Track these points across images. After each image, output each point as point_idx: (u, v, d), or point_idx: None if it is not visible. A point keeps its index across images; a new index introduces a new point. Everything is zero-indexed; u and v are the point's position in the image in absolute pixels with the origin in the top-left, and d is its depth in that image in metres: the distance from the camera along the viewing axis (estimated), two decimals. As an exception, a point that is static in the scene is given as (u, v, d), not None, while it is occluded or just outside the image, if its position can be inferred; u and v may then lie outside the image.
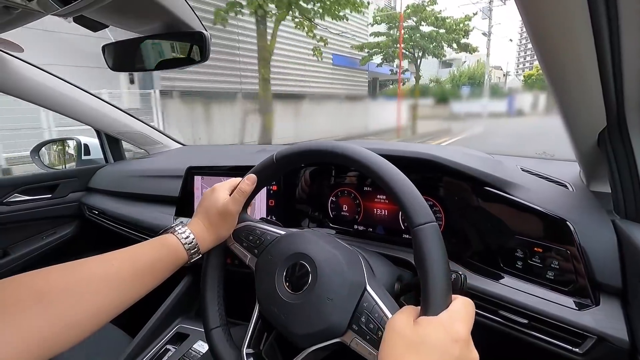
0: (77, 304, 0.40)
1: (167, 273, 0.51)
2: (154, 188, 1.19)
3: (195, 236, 0.54)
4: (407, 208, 0.42)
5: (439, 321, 0.36)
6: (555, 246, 0.59)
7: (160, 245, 0.51)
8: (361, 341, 0.43)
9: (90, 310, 0.41)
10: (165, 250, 0.51)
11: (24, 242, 1.28)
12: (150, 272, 0.48)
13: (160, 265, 0.49)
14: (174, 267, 0.51)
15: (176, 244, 0.52)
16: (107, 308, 0.43)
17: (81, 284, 0.42)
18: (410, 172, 0.46)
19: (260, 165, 0.57)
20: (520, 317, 0.57)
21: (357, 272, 0.48)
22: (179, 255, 0.52)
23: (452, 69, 25.66)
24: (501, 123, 10.30)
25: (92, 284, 0.43)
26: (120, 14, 0.69)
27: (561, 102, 0.52)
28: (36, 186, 1.28)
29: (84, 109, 1.27)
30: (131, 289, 0.46)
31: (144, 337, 0.95)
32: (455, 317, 0.37)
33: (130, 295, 0.46)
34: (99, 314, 0.42)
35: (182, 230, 0.53)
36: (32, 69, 1.09)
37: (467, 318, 0.38)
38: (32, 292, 0.38)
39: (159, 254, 0.50)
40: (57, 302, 0.39)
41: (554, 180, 0.74)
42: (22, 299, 0.37)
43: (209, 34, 0.75)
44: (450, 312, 0.37)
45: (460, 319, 0.37)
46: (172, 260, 0.51)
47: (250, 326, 0.53)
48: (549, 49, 0.42)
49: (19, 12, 0.62)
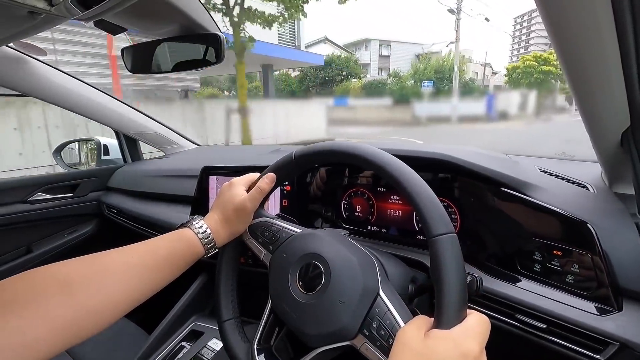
0: (98, 292, 0.42)
1: (184, 266, 0.52)
2: (170, 187, 1.22)
3: (211, 230, 0.54)
4: (425, 216, 0.41)
5: (450, 336, 0.35)
6: (576, 249, 0.57)
7: (177, 239, 0.52)
8: (371, 347, 0.43)
9: (111, 298, 0.43)
10: (181, 243, 0.52)
11: (47, 240, 1.32)
12: (168, 264, 0.49)
13: (177, 258, 0.51)
14: (191, 259, 0.52)
15: (193, 237, 0.53)
16: (127, 297, 0.45)
17: (102, 273, 0.43)
18: (426, 172, 0.46)
19: (279, 163, 0.57)
20: (538, 322, 0.56)
21: (371, 277, 0.48)
22: (196, 248, 0.53)
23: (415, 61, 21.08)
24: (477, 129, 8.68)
25: (113, 274, 0.44)
26: (138, 17, 0.70)
27: (582, 101, 0.50)
28: (58, 185, 1.32)
29: (103, 111, 1.30)
30: (150, 279, 0.47)
31: (160, 334, 0.97)
32: (467, 333, 0.36)
33: (150, 286, 0.47)
34: (119, 302, 0.44)
35: (198, 225, 0.54)
36: (55, 72, 1.12)
37: (481, 335, 0.36)
38: (56, 281, 0.40)
39: (176, 246, 0.51)
40: (80, 290, 0.40)
41: (574, 181, 0.72)
42: (46, 288, 0.39)
43: (223, 36, 0.76)
44: (463, 327, 0.36)
45: (472, 336, 0.36)
46: (188, 253, 0.52)
47: (262, 321, 0.54)
48: (571, 46, 0.40)
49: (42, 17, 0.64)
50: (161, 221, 1.11)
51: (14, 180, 1.26)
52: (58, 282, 0.40)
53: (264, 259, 0.57)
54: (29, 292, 0.38)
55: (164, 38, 0.79)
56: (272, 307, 0.54)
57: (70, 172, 1.43)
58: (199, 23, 0.73)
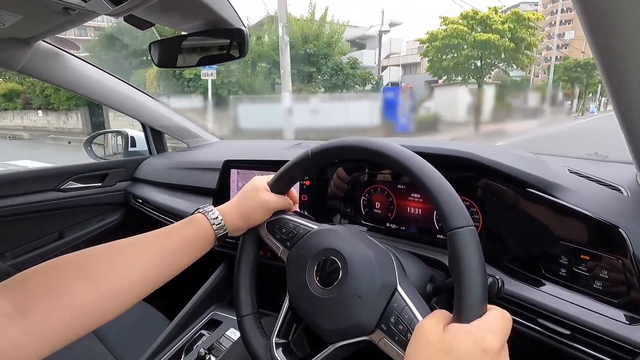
0: (116, 276, 0.44)
1: (196, 250, 0.53)
2: (192, 179, 1.25)
3: (224, 216, 0.56)
4: (443, 210, 0.40)
5: (470, 330, 0.34)
6: (606, 255, 0.54)
7: (188, 223, 0.54)
8: (389, 342, 0.43)
9: (128, 281, 0.45)
10: (192, 227, 0.53)
11: (76, 227, 1.38)
12: (181, 248, 0.51)
13: (189, 242, 0.52)
14: (203, 243, 0.54)
15: (204, 221, 0.54)
16: (144, 280, 0.47)
17: (119, 257, 0.46)
18: (448, 170, 0.45)
19: (295, 160, 0.57)
20: (562, 328, 0.54)
21: (389, 272, 0.48)
22: (206, 232, 0.54)
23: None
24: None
25: (129, 258, 0.46)
26: (166, 12, 0.72)
27: (619, 100, 0.48)
28: (88, 175, 1.38)
29: (132, 103, 1.35)
30: (164, 263, 0.49)
31: (181, 321, 1.01)
32: (487, 327, 0.35)
33: (165, 270, 0.49)
34: (136, 285, 0.46)
35: (210, 209, 0.56)
36: (88, 65, 1.17)
37: (501, 330, 0.35)
38: (76, 267, 0.42)
39: (187, 230, 0.53)
40: (98, 273, 0.43)
41: (606, 183, 0.69)
42: (70, 273, 0.41)
43: (247, 31, 0.77)
44: (483, 322, 0.35)
45: (493, 331, 0.34)
46: (199, 236, 0.53)
47: (280, 317, 0.54)
48: (610, 45, 0.39)
49: (76, 13, 0.67)
50: (183, 212, 1.14)
51: (48, 169, 1.32)
52: (79, 267, 0.43)
53: (281, 255, 0.58)
54: (55, 278, 0.40)
55: (189, 33, 0.81)
56: (290, 302, 0.54)
57: (99, 163, 1.50)
58: (224, 18, 0.75)
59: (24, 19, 0.72)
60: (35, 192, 1.25)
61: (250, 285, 0.59)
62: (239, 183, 1.03)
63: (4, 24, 0.73)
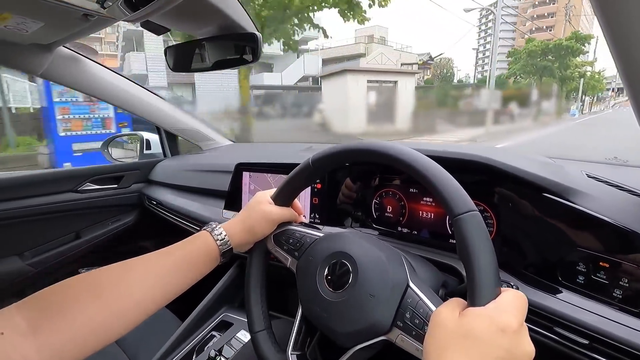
0: (124, 295, 0.45)
1: (202, 267, 0.54)
2: (205, 182, 1.26)
3: (227, 232, 0.57)
4: (445, 198, 0.40)
5: (486, 312, 0.34)
6: (626, 262, 0.53)
7: (192, 241, 0.55)
8: (407, 337, 0.42)
9: (135, 300, 0.46)
10: (197, 245, 0.54)
11: (93, 227, 1.42)
12: (185, 265, 0.52)
13: (194, 259, 0.53)
14: (208, 260, 0.55)
15: (209, 239, 0.55)
16: (151, 299, 0.48)
17: (126, 276, 0.47)
18: (462, 175, 0.44)
19: (297, 171, 0.58)
20: (580, 337, 0.52)
21: (399, 270, 0.48)
22: (211, 249, 0.55)
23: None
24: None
25: (136, 277, 0.48)
26: (181, 18, 0.74)
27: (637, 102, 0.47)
28: (104, 177, 1.41)
29: (147, 107, 1.38)
30: (171, 280, 0.50)
31: (192, 322, 1.02)
32: (503, 307, 0.34)
33: (172, 287, 0.50)
34: (143, 304, 0.47)
35: (214, 226, 0.57)
36: (106, 70, 1.20)
37: (518, 309, 0.35)
38: (87, 286, 0.44)
39: (192, 248, 0.54)
40: (106, 293, 0.44)
41: (625, 188, 0.67)
42: (78, 293, 0.43)
43: (260, 36, 0.77)
44: (498, 303, 0.35)
45: (509, 310, 0.34)
46: (204, 253, 0.54)
47: (294, 328, 0.54)
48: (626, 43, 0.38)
49: (95, 19, 0.69)
50: (197, 214, 1.16)
51: (67, 170, 1.36)
52: (88, 286, 0.44)
53: (290, 266, 0.58)
54: (66, 298, 0.42)
55: (204, 38, 0.82)
56: (303, 311, 0.54)
57: (115, 165, 1.53)
58: (238, 23, 0.76)
59: (46, 25, 0.74)
60: (53, 193, 1.29)
61: (262, 300, 0.59)
62: (250, 186, 1.03)
63: (27, 30, 0.76)
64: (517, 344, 0.33)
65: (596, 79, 31.21)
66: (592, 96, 34.72)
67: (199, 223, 1.13)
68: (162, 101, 1.42)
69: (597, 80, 31.34)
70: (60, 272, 1.36)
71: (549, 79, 21.92)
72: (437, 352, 0.34)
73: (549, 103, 11.88)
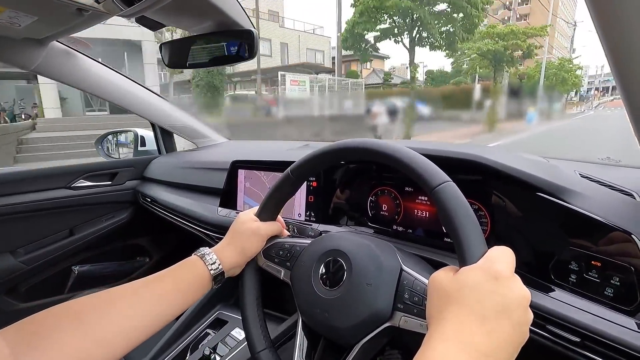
0: (109, 324, 0.44)
1: (193, 293, 0.53)
2: (201, 179, 1.26)
3: (218, 254, 0.56)
4: (420, 174, 0.42)
5: (478, 266, 0.36)
6: (617, 261, 0.53)
7: (183, 266, 0.54)
8: (410, 317, 0.44)
9: (121, 330, 0.45)
10: (187, 271, 0.53)
11: (86, 224, 1.40)
12: (176, 292, 0.51)
13: (184, 286, 0.52)
14: (200, 286, 0.54)
15: (199, 264, 0.54)
16: (138, 327, 0.46)
17: (112, 304, 0.46)
18: (456, 174, 0.45)
19: (278, 183, 0.58)
20: (572, 335, 0.53)
21: (392, 257, 0.49)
22: (202, 274, 0.54)
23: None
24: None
25: (122, 304, 0.46)
26: (177, 14, 0.73)
27: (631, 103, 0.47)
28: (98, 173, 1.40)
29: (142, 103, 1.37)
30: (160, 309, 0.49)
31: (187, 319, 1.01)
32: (494, 260, 0.37)
33: (161, 315, 0.49)
34: (130, 333, 0.46)
35: (205, 252, 0.56)
36: (100, 66, 1.19)
37: (507, 261, 0.37)
38: (69, 314, 0.43)
39: (183, 275, 0.53)
40: (90, 321, 0.43)
41: (618, 188, 0.67)
42: (60, 323, 0.42)
43: (257, 32, 0.77)
44: (487, 257, 0.37)
45: (499, 261, 0.36)
46: (195, 279, 0.53)
47: (295, 344, 0.54)
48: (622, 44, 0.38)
49: (89, 14, 0.68)
50: (191, 211, 1.15)
51: (60, 167, 1.35)
52: (71, 314, 0.43)
53: (284, 278, 0.58)
54: (49, 326, 0.41)
55: (199, 34, 0.82)
56: (303, 319, 0.54)
57: (109, 161, 1.52)
58: (234, 19, 0.75)
59: (39, 19, 0.73)
60: (47, 190, 1.27)
61: (260, 318, 0.57)
62: (246, 183, 1.03)
63: (20, 24, 0.75)
64: (512, 289, 0.35)
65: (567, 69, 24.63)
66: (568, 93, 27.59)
67: (194, 220, 1.13)
68: (157, 97, 1.41)
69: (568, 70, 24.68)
70: (53, 269, 1.34)
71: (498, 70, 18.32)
72: (438, 313, 0.36)
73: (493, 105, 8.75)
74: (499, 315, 0.33)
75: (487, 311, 0.33)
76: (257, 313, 0.57)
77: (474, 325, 0.33)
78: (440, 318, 0.35)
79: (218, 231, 1.03)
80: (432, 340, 0.34)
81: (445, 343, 0.33)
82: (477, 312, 0.34)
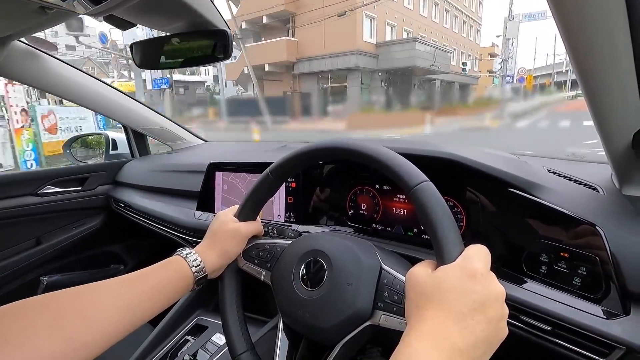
0: (88, 328, 0.42)
1: (174, 293, 0.52)
2: (176, 183, 1.23)
3: (202, 257, 0.55)
4: (398, 174, 0.43)
5: (455, 264, 0.37)
6: (584, 252, 0.56)
7: (166, 266, 0.52)
8: (390, 315, 0.44)
9: (100, 332, 0.43)
10: (171, 271, 0.52)
11: (55, 232, 1.34)
12: (158, 292, 0.50)
13: (166, 285, 0.51)
14: (181, 286, 0.52)
15: (182, 264, 0.53)
16: (117, 327, 0.45)
17: (91, 308, 0.43)
18: (430, 171, 0.46)
19: (257, 184, 0.57)
20: (544, 324, 0.55)
21: (371, 256, 0.50)
22: (185, 275, 0.53)
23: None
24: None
25: (102, 305, 0.44)
26: (147, 13, 0.71)
27: (592, 101, 0.50)
28: (67, 179, 1.34)
29: (112, 105, 1.32)
30: (140, 308, 0.47)
31: (165, 327, 0.99)
32: (470, 258, 0.38)
33: (139, 316, 0.48)
34: (109, 333, 0.44)
35: (188, 252, 0.55)
36: (65, 66, 1.14)
37: (483, 258, 0.38)
38: (44, 316, 0.40)
39: (165, 274, 0.51)
40: (68, 326, 0.40)
41: (583, 182, 0.71)
42: (34, 322, 0.39)
43: (231, 32, 0.76)
44: (464, 256, 0.38)
45: (475, 259, 0.37)
46: (178, 279, 0.52)
47: (277, 346, 0.54)
48: (583, 48, 0.40)
49: (53, 12, 0.65)
50: (167, 215, 1.12)
51: (25, 172, 1.28)
52: (46, 316, 0.40)
53: (265, 279, 0.57)
54: (18, 325, 0.38)
55: (172, 34, 0.79)
56: (284, 321, 0.54)
57: (79, 166, 1.45)
58: (207, 19, 0.74)
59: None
60: (11, 197, 1.21)
61: (240, 320, 0.57)
62: (223, 186, 1.01)
63: (-24, 22, 0.71)
64: (488, 286, 0.36)
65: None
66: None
67: (171, 225, 1.10)
68: (129, 99, 1.36)
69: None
70: (20, 279, 1.27)
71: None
72: (416, 310, 0.37)
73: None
74: (476, 312, 0.34)
75: (464, 308, 0.34)
76: (237, 315, 0.57)
77: (450, 322, 0.34)
78: (418, 315, 0.36)
79: (196, 235, 1.01)
80: (409, 337, 0.35)
81: (422, 340, 0.34)
82: (454, 309, 0.35)
